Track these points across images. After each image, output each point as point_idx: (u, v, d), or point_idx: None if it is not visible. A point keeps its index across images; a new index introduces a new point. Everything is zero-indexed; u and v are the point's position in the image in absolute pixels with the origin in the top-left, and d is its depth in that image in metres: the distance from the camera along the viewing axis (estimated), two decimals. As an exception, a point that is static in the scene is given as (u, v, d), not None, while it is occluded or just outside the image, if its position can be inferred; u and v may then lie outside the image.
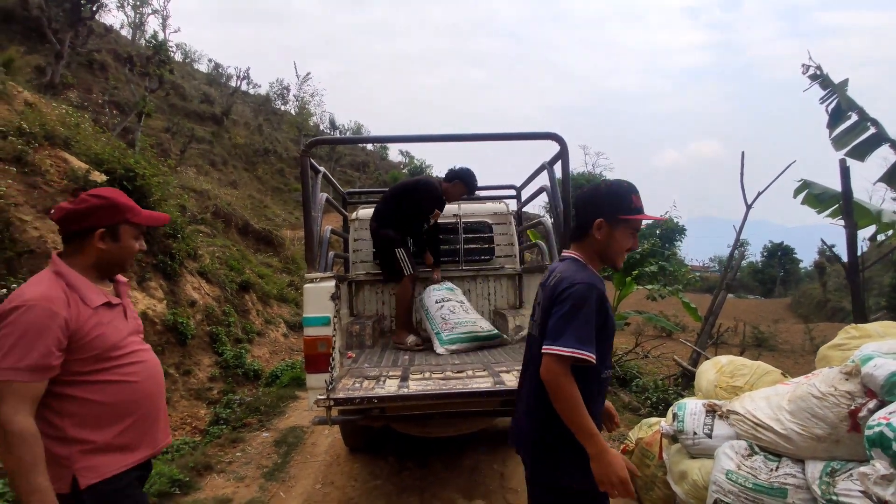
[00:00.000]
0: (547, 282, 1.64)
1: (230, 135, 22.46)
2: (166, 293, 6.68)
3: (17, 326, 1.34)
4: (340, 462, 3.98)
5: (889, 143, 5.19)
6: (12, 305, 1.36)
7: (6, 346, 1.32)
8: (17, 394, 1.32)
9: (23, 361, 1.32)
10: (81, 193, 1.55)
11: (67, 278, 1.47)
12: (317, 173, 3.43)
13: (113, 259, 1.57)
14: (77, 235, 1.52)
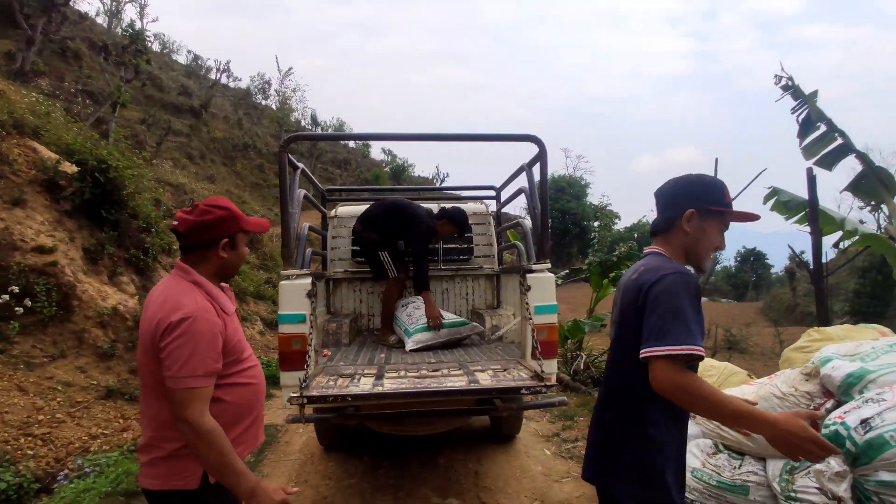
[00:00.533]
0: (628, 279, 1.50)
1: (209, 128, 22.03)
2: (139, 288, 6.53)
3: (191, 337, 1.44)
4: (314, 461, 3.96)
5: (855, 154, 5.38)
6: (179, 317, 1.45)
7: (185, 356, 1.43)
8: (201, 398, 1.44)
9: (202, 368, 1.45)
10: (199, 204, 1.63)
11: (205, 287, 1.59)
12: (295, 169, 3.40)
13: (232, 267, 1.69)
14: (203, 246, 1.61)
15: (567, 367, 6.18)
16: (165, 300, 1.51)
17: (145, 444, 1.52)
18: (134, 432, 4.73)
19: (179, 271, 1.62)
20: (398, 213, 4.12)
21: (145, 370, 1.51)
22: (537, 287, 3.13)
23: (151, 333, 1.47)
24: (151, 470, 1.51)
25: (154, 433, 1.50)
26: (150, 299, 1.58)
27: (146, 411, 1.54)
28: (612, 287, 7.70)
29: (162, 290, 1.58)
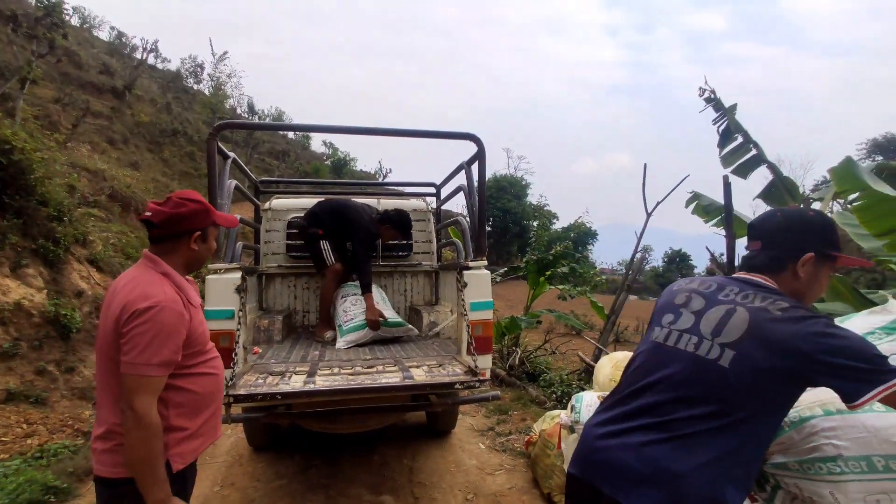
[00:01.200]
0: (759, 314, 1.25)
1: (133, 111, 20.55)
2: (47, 282, 5.99)
3: (153, 325, 1.44)
4: (243, 462, 3.80)
5: (766, 165, 5.86)
6: (146, 305, 1.45)
7: (143, 343, 1.43)
8: (151, 388, 1.44)
9: (157, 358, 1.44)
10: (172, 196, 1.65)
11: (173, 278, 1.60)
12: (225, 158, 3.24)
13: (200, 259, 1.72)
14: (174, 237, 1.63)
15: (503, 363, 6.31)
16: (134, 288, 1.50)
17: (106, 432, 1.50)
18: (40, 437, 4.35)
19: (148, 261, 1.62)
20: (343, 215, 4.09)
21: (107, 359, 1.50)
22: (473, 284, 3.16)
23: (115, 320, 1.47)
24: (112, 457, 1.49)
25: (117, 419, 1.47)
26: (116, 288, 1.57)
27: (107, 400, 1.52)
28: (548, 285, 7.95)
29: (129, 278, 1.57)
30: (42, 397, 5.05)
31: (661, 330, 1.40)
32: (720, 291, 1.36)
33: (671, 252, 45.72)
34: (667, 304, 1.46)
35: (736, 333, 1.25)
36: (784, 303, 1.25)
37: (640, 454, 1.24)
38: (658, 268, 46.02)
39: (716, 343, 1.27)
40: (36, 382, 5.15)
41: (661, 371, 1.32)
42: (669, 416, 1.25)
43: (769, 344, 1.19)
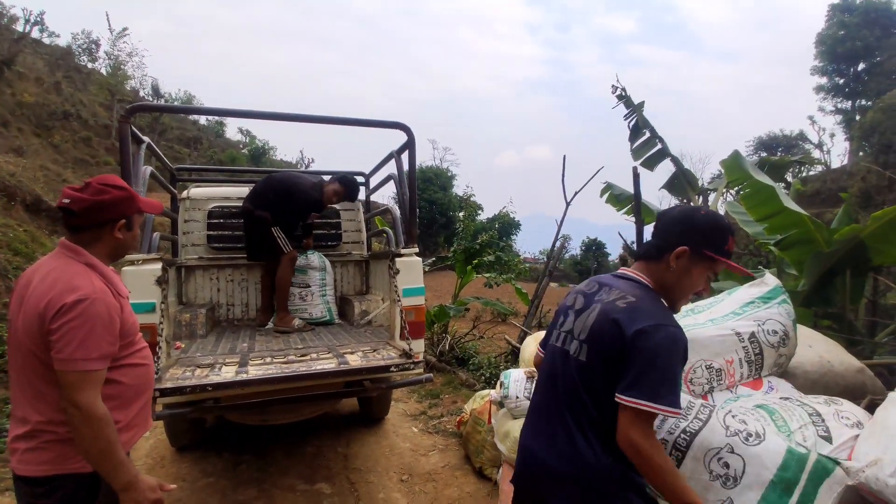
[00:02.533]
0: (611, 304, 1.38)
1: (14, 90, 18.26)
2: (-84, 281, 5.27)
3: (87, 319, 1.39)
4: (165, 464, 3.62)
5: (671, 158, 6.42)
6: (74, 299, 1.39)
7: (79, 338, 1.38)
8: (94, 381, 1.41)
9: (96, 351, 1.40)
10: (91, 182, 1.56)
11: (98, 269, 1.53)
12: (140, 143, 3.06)
13: (125, 248, 1.64)
14: (96, 226, 1.54)
15: (433, 349, 6.45)
16: (56, 280, 1.43)
17: (31, 431, 1.44)
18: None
19: (68, 251, 1.53)
20: (286, 187, 3.94)
21: (28, 355, 1.43)
22: (405, 270, 3.24)
23: (39, 316, 1.40)
24: (38, 455, 1.43)
25: (45, 417, 1.43)
26: (32, 280, 1.48)
27: (27, 398, 1.45)
28: (475, 273, 8.18)
29: (48, 270, 1.48)
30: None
31: (556, 332, 1.54)
32: (598, 293, 1.48)
33: (588, 241, 48.41)
34: (562, 307, 1.58)
35: (589, 328, 1.39)
36: (632, 297, 1.37)
37: (556, 451, 1.38)
38: (576, 256, 48.59)
39: (577, 340, 1.42)
40: None
41: (557, 371, 1.46)
42: (566, 411, 1.38)
43: (608, 332, 1.33)
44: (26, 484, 1.45)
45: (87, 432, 1.37)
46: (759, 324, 2.09)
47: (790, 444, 1.52)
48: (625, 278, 1.47)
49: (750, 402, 1.87)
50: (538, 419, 1.49)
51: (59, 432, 1.44)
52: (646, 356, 1.26)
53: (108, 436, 1.40)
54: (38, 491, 1.44)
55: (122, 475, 1.43)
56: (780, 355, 2.10)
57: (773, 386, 2.05)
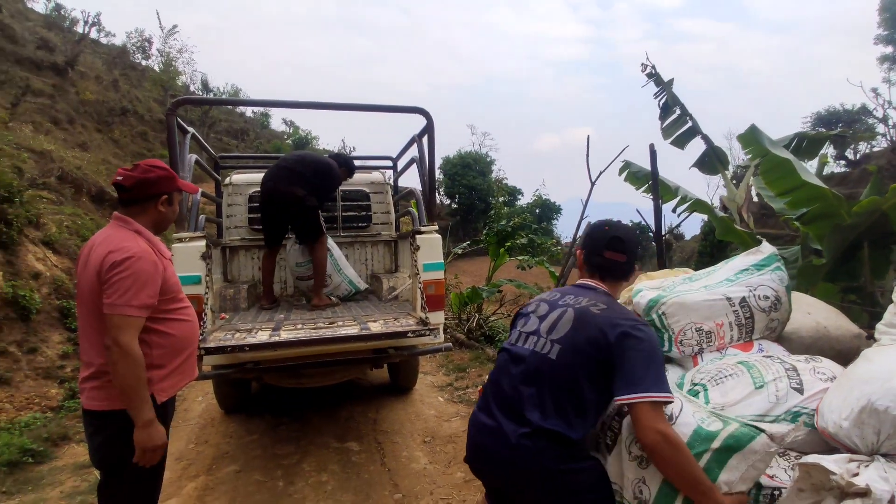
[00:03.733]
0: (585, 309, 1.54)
1: (77, 89, 19.53)
2: (2, 264, 5.93)
3: (132, 272, 1.67)
4: (215, 423, 4.03)
5: (701, 136, 6.32)
6: (124, 256, 1.67)
7: (124, 288, 1.65)
8: (133, 326, 1.67)
9: (137, 300, 1.66)
10: (140, 164, 1.85)
11: (145, 235, 1.83)
12: (185, 134, 3.38)
13: (166, 221, 1.94)
14: (143, 200, 1.83)
15: (462, 328, 6.68)
16: (110, 243, 1.72)
17: (95, 372, 1.73)
18: (7, 414, 4.43)
19: (119, 221, 1.82)
20: (312, 168, 3.96)
21: (91, 307, 1.71)
22: (425, 246, 3.45)
23: (97, 271, 1.68)
24: (102, 392, 1.72)
25: (103, 360, 1.70)
26: (93, 244, 1.77)
27: (92, 344, 1.74)
28: (507, 256, 8.32)
29: (105, 236, 1.78)
30: (5, 377, 5.08)
31: (515, 332, 1.68)
32: (562, 298, 1.65)
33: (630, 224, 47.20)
34: (523, 313, 1.74)
35: (563, 330, 1.53)
36: (603, 304, 1.55)
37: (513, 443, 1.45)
38: (616, 239, 47.43)
39: (548, 340, 1.54)
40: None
41: (516, 368, 1.56)
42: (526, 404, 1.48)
43: (587, 335, 1.47)
44: (93, 416, 1.76)
45: (123, 367, 1.63)
46: (751, 289, 2.17)
47: (699, 424, 1.47)
48: (588, 288, 1.68)
49: (733, 359, 1.98)
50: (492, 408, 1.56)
51: None
52: (643, 353, 1.41)
53: (139, 374, 1.66)
54: (102, 422, 1.75)
55: (146, 412, 1.68)
56: (771, 319, 2.18)
57: (764, 349, 2.14)
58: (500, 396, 1.56)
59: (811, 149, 5.43)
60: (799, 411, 1.71)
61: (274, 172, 3.93)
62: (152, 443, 1.70)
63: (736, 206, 5.44)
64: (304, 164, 3.99)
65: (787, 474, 1.61)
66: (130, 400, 1.67)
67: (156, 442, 1.72)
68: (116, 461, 1.75)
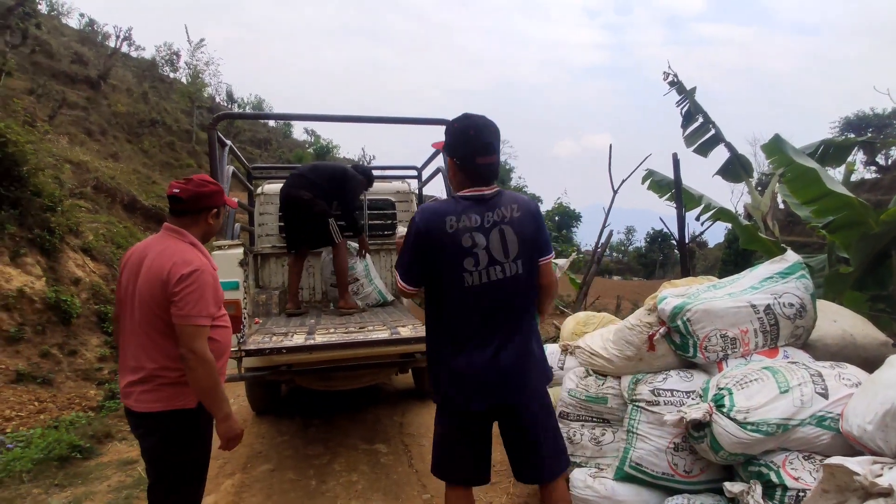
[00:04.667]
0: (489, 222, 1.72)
1: (109, 101, 20.25)
2: (45, 270, 6.22)
3: (199, 284, 1.77)
4: (247, 424, 4.17)
5: (724, 144, 6.31)
6: (191, 269, 1.77)
7: (194, 299, 1.75)
8: (205, 334, 1.78)
9: (205, 311, 1.78)
10: (194, 178, 1.96)
11: (199, 247, 1.93)
12: (223, 146, 3.55)
13: (212, 233, 2.04)
14: (195, 212, 1.93)
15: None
16: (172, 255, 1.81)
17: (146, 376, 1.81)
18: (51, 413, 4.66)
19: (173, 233, 1.90)
20: (332, 173, 4.18)
21: (151, 315, 1.79)
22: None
23: (162, 282, 1.76)
24: (152, 395, 1.81)
25: (159, 364, 1.80)
26: (145, 253, 1.84)
27: (146, 348, 1.81)
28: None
29: (163, 247, 1.85)
30: (48, 378, 5.33)
31: (471, 275, 1.72)
32: (483, 219, 1.73)
33: (653, 232, 46.62)
34: (457, 250, 1.72)
35: (516, 247, 1.75)
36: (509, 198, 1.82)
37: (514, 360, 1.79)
38: (641, 248, 46.92)
39: (510, 262, 1.75)
40: (42, 364, 5.42)
41: (489, 301, 1.74)
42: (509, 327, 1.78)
43: (531, 231, 1.79)
44: (143, 418, 1.83)
45: (202, 372, 1.75)
46: (776, 297, 2.22)
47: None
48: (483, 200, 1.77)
49: (758, 365, 2.03)
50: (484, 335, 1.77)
51: (169, 376, 1.81)
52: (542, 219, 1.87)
53: (215, 376, 1.78)
54: (152, 424, 1.83)
55: (225, 407, 1.83)
56: (796, 327, 2.22)
57: (789, 355, 2.18)
58: (487, 330, 1.77)
59: (838, 155, 5.38)
60: (824, 416, 1.76)
61: (289, 179, 4.20)
62: (233, 433, 1.87)
63: (760, 214, 5.42)
64: (317, 172, 4.21)
65: (811, 476, 1.66)
66: (211, 400, 1.80)
67: (236, 431, 1.88)
68: (169, 460, 1.86)
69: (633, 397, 2.30)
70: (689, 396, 2.14)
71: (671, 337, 2.29)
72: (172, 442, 1.84)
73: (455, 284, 1.73)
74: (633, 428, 2.22)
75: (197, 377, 1.76)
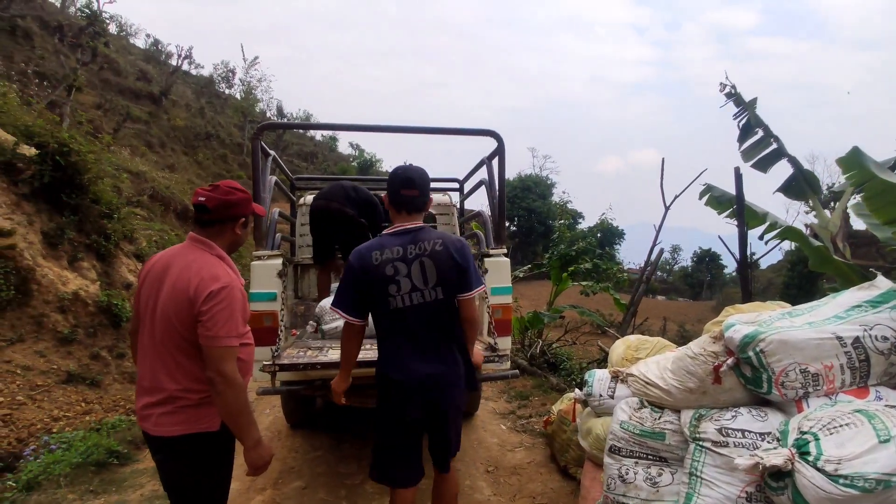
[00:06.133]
0: (412, 254, 2.02)
1: (169, 116, 21.42)
2: (100, 274, 6.47)
3: (228, 302, 1.66)
4: (281, 437, 4.12)
5: (787, 158, 5.90)
6: (220, 286, 1.66)
7: (224, 319, 1.64)
8: (234, 355, 1.67)
9: (235, 330, 1.67)
10: (220, 185, 1.81)
11: (227, 261, 1.81)
12: (267, 156, 3.55)
13: (239, 243, 1.89)
14: (222, 222, 1.80)
15: (525, 353, 6.51)
16: (200, 269, 1.68)
17: (166, 398, 1.68)
18: (96, 415, 4.76)
19: (200, 244, 1.77)
20: (364, 197, 4.18)
21: (172, 331, 1.67)
22: (493, 270, 3.39)
23: (188, 299, 1.64)
24: (174, 418, 1.69)
25: (182, 385, 1.68)
26: (170, 266, 1.72)
27: (169, 368, 1.69)
28: (571, 281, 8.09)
29: (189, 260, 1.72)
30: (97, 380, 5.48)
31: (394, 299, 2.01)
32: (405, 251, 2.02)
33: (700, 252, 44.79)
34: (381, 279, 2.00)
35: (434, 276, 2.01)
36: (436, 237, 2.07)
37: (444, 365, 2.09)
38: (687, 268, 45.17)
39: (430, 288, 2.02)
40: (91, 366, 5.59)
41: (415, 322, 2.03)
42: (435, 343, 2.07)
43: (451, 266, 2.03)
44: (162, 443, 1.71)
45: (230, 396, 1.63)
46: (866, 328, 1.94)
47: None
48: (408, 231, 2.08)
49: (847, 407, 1.76)
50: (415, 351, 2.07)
51: (192, 398, 1.70)
52: (468, 258, 2.08)
53: (244, 399, 1.67)
54: (172, 448, 1.71)
55: (253, 433, 1.71)
56: (891, 364, 1.94)
57: (882, 396, 1.90)
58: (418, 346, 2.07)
59: (918, 173, 4.91)
60: (935, 473, 1.49)
61: (326, 192, 4.15)
62: (262, 461, 1.75)
63: (829, 234, 4.99)
64: (357, 190, 4.18)
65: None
66: (239, 425, 1.69)
67: (265, 459, 1.76)
68: (190, 486, 1.76)
69: (695, 435, 2.06)
70: (764, 439, 1.88)
71: (740, 369, 2.05)
72: (194, 467, 1.73)
73: (383, 307, 2.03)
74: (696, 471, 1.98)
75: (225, 401, 1.65)
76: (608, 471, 2.32)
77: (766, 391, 1.97)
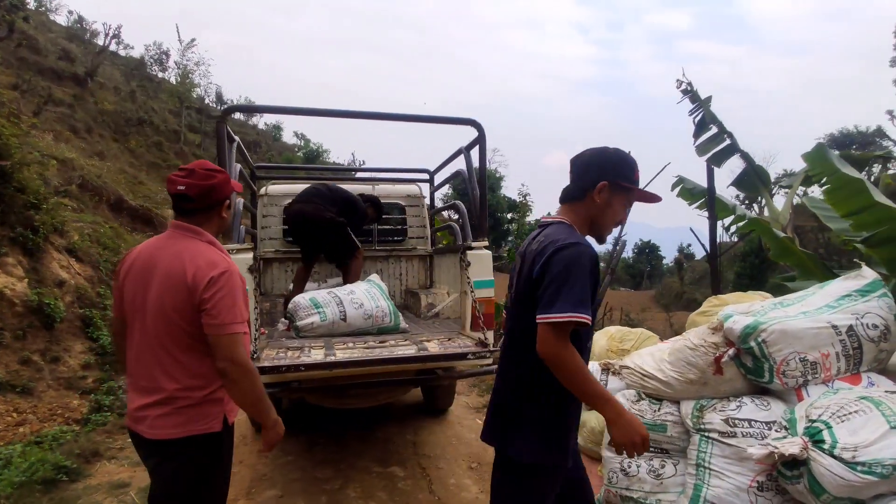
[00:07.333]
0: (527, 248, 1.56)
1: (96, 99, 19.71)
2: (27, 270, 5.83)
3: (230, 288, 1.57)
4: (248, 442, 3.87)
5: (740, 154, 6.19)
6: (220, 271, 1.56)
7: (228, 305, 1.54)
8: (243, 341, 1.56)
9: (240, 316, 1.57)
10: (195, 169, 1.64)
11: (218, 246, 1.69)
12: (232, 142, 3.29)
13: (225, 227, 1.79)
14: (208, 208, 1.67)
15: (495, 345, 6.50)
16: (194, 257, 1.58)
17: (163, 399, 1.56)
18: (31, 426, 4.29)
19: (188, 232, 1.65)
20: (342, 196, 4.12)
21: (170, 325, 1.55)
22: (476, 263, 3.31)
23: (187, 289, 1.53)
24: (171, 420, 1.57)
25: (181, 384, 1.57)
26: (158, 259, 1.60)
27: (165, 366, 1.57)
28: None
29: (178, 249, 1.60)
30: (28, 387, 4.95)
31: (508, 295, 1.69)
32: (527, 246, 1.59)
33: (641, 243, 46.93)
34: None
35: (517, 279, 1.58)
36: (542, 237, 1.51)
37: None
38: (628, 258, 47.19)
39: (512, 292, 1.63)
40: (21, 372, 5.04)
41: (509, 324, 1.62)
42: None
43: (527, 271, 1.49)
44: (159, 446, 1.57)
45: (246, 384, 1.55)
46: (858, 317, 2.02)
47: None
48: (548, 225, 1.58)
49: (851, 394, 1.82)
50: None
51: (193, 397, 1.57)
52: (556, 272, 1.37)
53: (259, 384, 1.61)
54: (170, 451, 1.57)
55: (272, 414, 1.65)
56: (880, 350, 2.03)
57: (874, 381, 1.98)
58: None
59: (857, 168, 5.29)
60: (945, 456, 1.55)
61: (302, 195, 4.08)
62: (279, 437, 1.71)
63: (779, 226, 5.29)
64: (333, 192, 4.13)
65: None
66: (259, 410, 1.64)
67: (281, 435, 1.71)
68: (188, 491, 1.61)
69: (699, 426, 2.08)
70: (771, 428, 1.92)
71: (741, 359, 2.08)
72: (194, 471, 1.59)
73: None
74: (704, 462, 1.99)
75: (242, 390, 1.57)
76: (609, 464, 2.31)
77: (768, 380, 2.00)
